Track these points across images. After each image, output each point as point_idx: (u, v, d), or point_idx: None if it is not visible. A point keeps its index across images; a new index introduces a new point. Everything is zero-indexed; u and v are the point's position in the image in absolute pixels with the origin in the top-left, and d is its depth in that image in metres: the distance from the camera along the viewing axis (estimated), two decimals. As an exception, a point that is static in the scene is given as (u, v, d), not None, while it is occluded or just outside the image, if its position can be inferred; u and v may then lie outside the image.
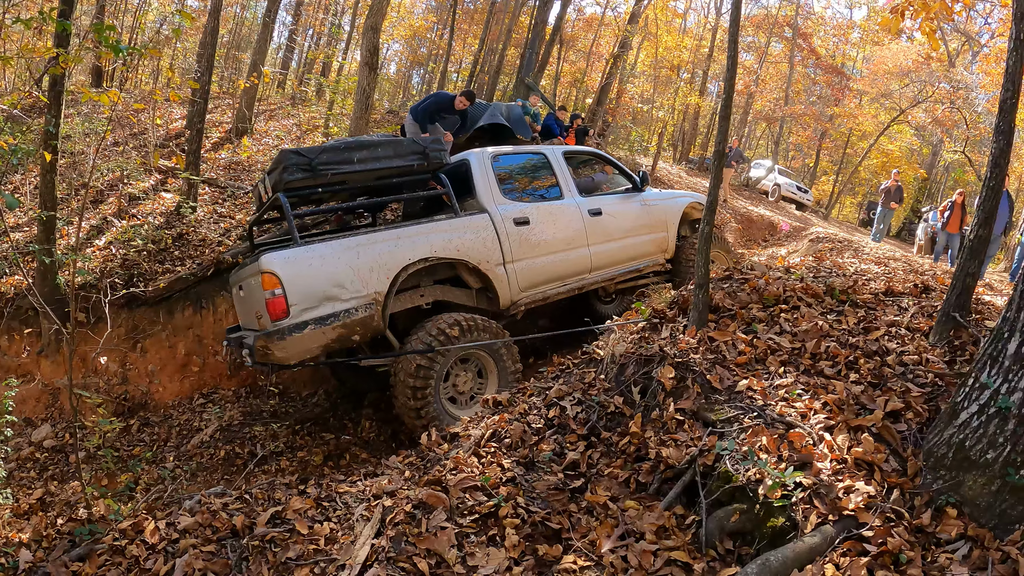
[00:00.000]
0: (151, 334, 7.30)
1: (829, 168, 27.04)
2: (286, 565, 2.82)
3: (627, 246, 6.29)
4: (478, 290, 5.50)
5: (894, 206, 12.43)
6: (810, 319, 4.01)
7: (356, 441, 6.17)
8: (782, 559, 2.44)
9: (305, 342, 4.64)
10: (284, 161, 4.91)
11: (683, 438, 3.36)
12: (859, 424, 3.14)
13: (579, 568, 2.71)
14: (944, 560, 2.47)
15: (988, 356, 2.86)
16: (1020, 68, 3.50)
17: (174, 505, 3.93)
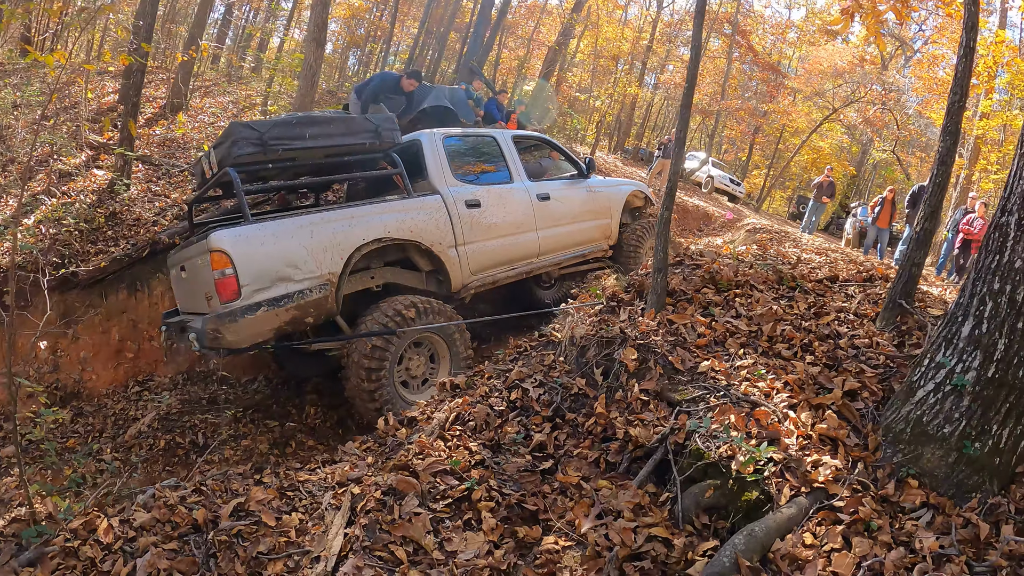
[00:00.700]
0: (84, 318, 6.76)
1: (761, 162, 28.20)
2: (258, 560, 2.65)
3: (574, 231, 6.25)
4: (428, 273, 5.35)
5: (826, 200, 13.06)
6: (764, 304, 4.13)
7: (302, 428, 5.89)
8: (765, 529, 2.49)
9: (258, 325, 4.37)
10: (234, 134, 4.60)
11: (649, 418, 3.37)
12: (820, 402, 3.25)
13: (561, 548, 2.66)
14: (910, 527, 2.59)
15: (943, 338, 3.01)
16: (968, 75, 3.72)
17: (125, 500, 3.63)
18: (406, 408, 4.51)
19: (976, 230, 9.07)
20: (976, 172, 14.95)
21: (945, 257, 10.10)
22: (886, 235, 10.95)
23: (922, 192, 9.15)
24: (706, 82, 23.15)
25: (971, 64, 3.73)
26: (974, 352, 2.85)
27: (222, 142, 4.76)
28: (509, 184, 5.78)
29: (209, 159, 5.00)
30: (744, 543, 2.40)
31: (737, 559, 2.33)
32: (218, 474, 3.65)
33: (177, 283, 5.42)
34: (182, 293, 5.34)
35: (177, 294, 5.57)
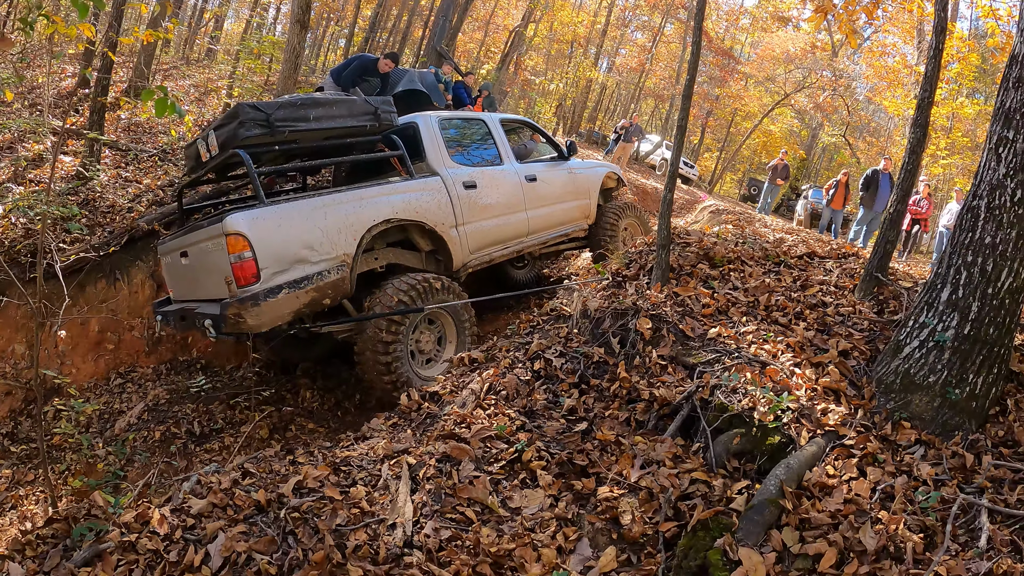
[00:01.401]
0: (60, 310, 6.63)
1: (712, 145, 29.24)
2: (338, 532, 2.77)
3: (558, 211, 6.57)
4: (427, 253, 5.54)
5: (780, 183, 13.82)
6: (757, 277, 4.59)
7: (300, 412, 6.00)
8: (798, 462, 2.91)
9: (280, 307, 4.43)
10: (240, 115, 4.56)
11: (669, 380, 3.76)
12: (818, 361, 3.72)
13: (616, 495, 3.00)
14: (908, 459, 3.07)
15: (924, 303, 3.52)
16: (937, 73, 4.24)
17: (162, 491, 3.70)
18: (419, 383, 4.75)
19: (923, 210, 9.94)
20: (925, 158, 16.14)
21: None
22: (840, 216, 11.74)
23: (875, 175, 9.96)
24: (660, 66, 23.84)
25: (939, 64, 4.26)
26: (952, 314, 3.36)
27: (226, 123, 4.75)
28: (500, 166, 6.04)
29: (207, 141, 4.97)
30: (784, 474, 2.82)
31: (781, 486, 2.74)
32: (251, 458, 3.75)
33: (174, 270, 5.37)
34: (181, 280, 5.31)
35: (173, 282, 5.52)
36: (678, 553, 2.62)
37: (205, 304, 4.78)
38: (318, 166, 6.02)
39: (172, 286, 5.54)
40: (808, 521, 2.69)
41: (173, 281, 5.48)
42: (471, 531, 2.88)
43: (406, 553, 2.73)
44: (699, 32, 4.54)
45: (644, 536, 2.81)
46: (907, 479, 2.95)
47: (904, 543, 2.60)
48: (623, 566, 2.68)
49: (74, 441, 5.13)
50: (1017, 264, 3.25)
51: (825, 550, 2.56)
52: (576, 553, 2.79)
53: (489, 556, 2.69)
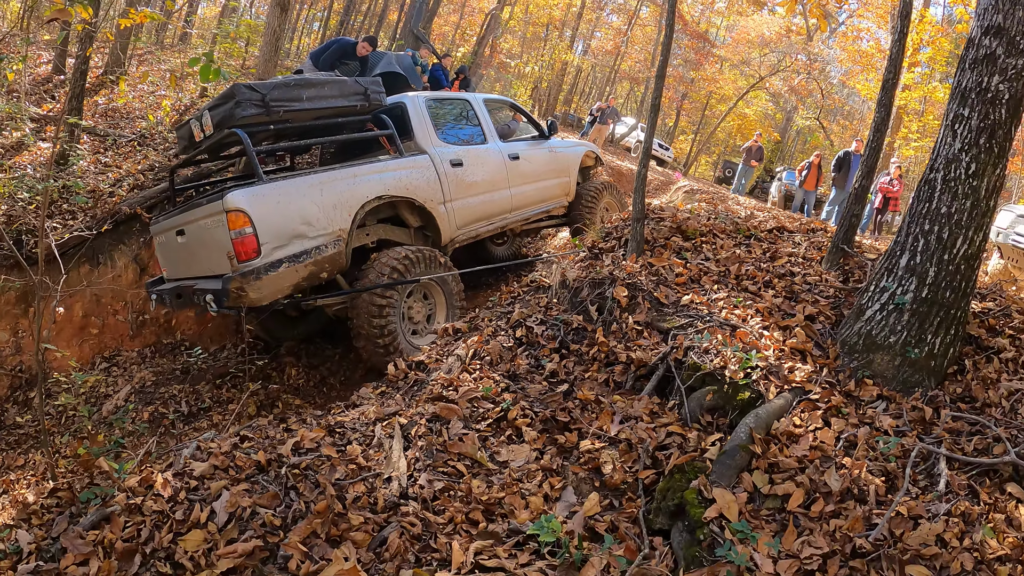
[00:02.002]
0: (44, 296, 6.59)
1: (687, 128, 29.54)
2: (338, 485, 2.92)
3: (539, 189, 6.78)
4: (416, 229, 5.70)
5: (754, 164, 14.11)
6: (728, 249, 4.80)
7: (286, 389, 6.10)
8: (767, 412, 3.12)
9: (280, 281, 4.59)
10: (237, 95, 4.69)
11: (645, 344, 3.96)
12: (786, 324, 3.94)
13: (598, 448, 3.18)
14: (871, 412, 3.30)
15: (884, 268, 3.76)
16: (901, 56, 4.48)
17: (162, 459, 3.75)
18: (412, 353, 4.90)
19: (896, 189, 10.30)
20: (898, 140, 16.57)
21: (868, 218, 11.32)
22: (812, 197, 12.06)
23: (847, 157, 10.28)
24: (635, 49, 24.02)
25: (903, 47, 4.49)
26: (911, 278, 3.60)
27: (221, 103, 4.85)
28: (485, 145, 6.22)
29: (201, 121, 5.06)
30: (753, 422, 3.02)
31: (751, 433, 2.95)
32: (246, 426, 3.90)
33: (169, 249, 5.45)
34: (176, 258, 5.40)
35: (167, 260, 5.61)
36: (656, 496, 2.81)
37: (204, 280, 4.88)
38: (310, 145, 6.09)
39: (166, 265, 5.62)
40: (777, 465, 2.91)
41: (167, 260, 5.56)
42: (462, 483, 3.04)
43: (402, 503, 2.89)
44: (672, 15, 4.71)
45: (624, 483, 3.00)
46: (869, 430, 3.18)
47: (867, 486, 2.82)
48: (606, 510, 2.87)
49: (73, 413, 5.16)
50: (971, 232, 3.50)
51: (793, 491, 2.77)
52: (562, 500, 2.97)
53: (480, 504, 2.87)
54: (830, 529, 2.66)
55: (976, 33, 3.54)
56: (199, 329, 7.74)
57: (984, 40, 3.46)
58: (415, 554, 2.63)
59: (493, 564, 2.51)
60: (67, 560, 2.51)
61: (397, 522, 2.75)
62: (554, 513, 2.84)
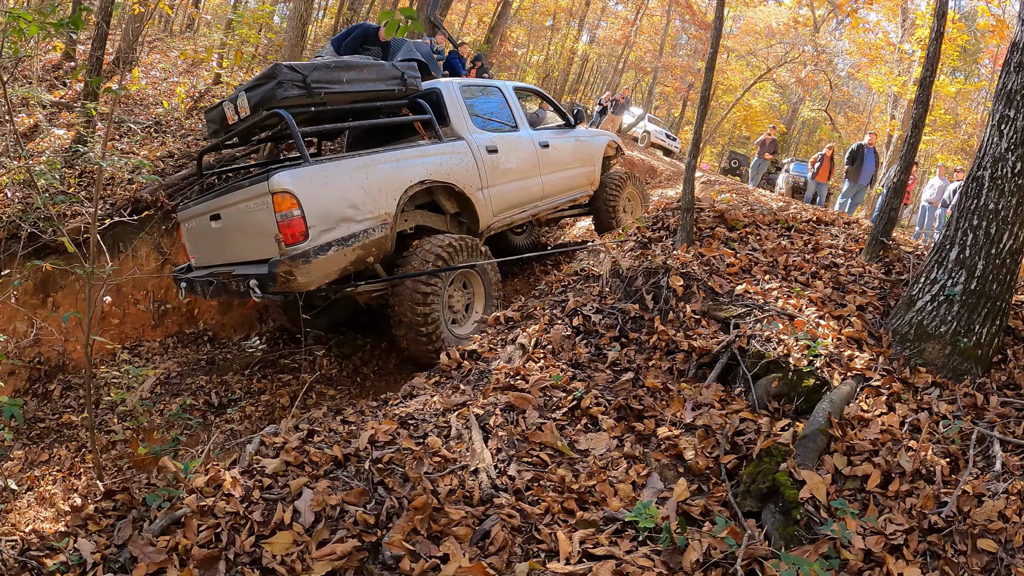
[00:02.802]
0: (63, 286, 6.59)
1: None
2: (429, 477, 2.94)
3: (567, 177, 6.87)
4: (452, 215, 5.76)
5: (768, 157, 14.34)
6: (772, 240, 5.01)
7: (318, 379, 6.18)
8: (838, 398, 3.34)
9: (328, 265, 4.57)
10: (278, 75, 4.62)
11: (704, 332, 4.15)
12: (839, 314, 4.16)
13: (676, 435, 3.38)
14: (926, 398, 3.54)
15: (935, 261, 3.99)
16: (937, 55, 4.69)
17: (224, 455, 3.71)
18: (453, 341, 4.99)
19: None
20: None
21: (879, 210, 11.60)
22: (824, 189, 12.30)
23: (860, 150, 10.54)
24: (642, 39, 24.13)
25: (940, 45, 4.69)
26: (960, 271, 3.84)
27: (261, 84, 4.79)
28: (517, 132, 6.29)
29: (236, 103, 5.00)
30: (829, 407, 3.24)
31: (829, 417, 3.17)
32: (302, 419, 3.90)
33: (200, 235, 5.39)
34: (209, 244, 5.34)
35: (197, 247, 5.55)
36: (744, 479, 3.01)
37: (244, 266, 4.84)
38: (347, 128, 6.00)
39: (196, 251, 5.58)
40: (853, 448, 3.12)
41: (198, 246, 5.51)
42: (548, 471, 3.18)
43: (494, 495, 2.94)
44: (721, 8, 4.86)
45: (708, 468, 3.20)
46: (928, 415, 3.42)
47: (933, 467, 3.06)
48: (694, 495, 3.06)
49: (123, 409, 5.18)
50: (1017, 228, 3.73)
51: (871, 471, 2.99)
52: (648, 487, 3.15)
53: (573, 493, 3.02)
54: (906, 507, 2.89)
55: (1020, 37, 3.75)
56: (222, 318, 7.80)
57: (1031, 44, 3.68)
58: (520, 546, 2.68)
59: (601, 552, 2.61)
60: (139, 570, 2.38)
61: (496, 514, 2.80)
62: (646, 500, 3.02)
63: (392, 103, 5.57)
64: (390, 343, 6.66)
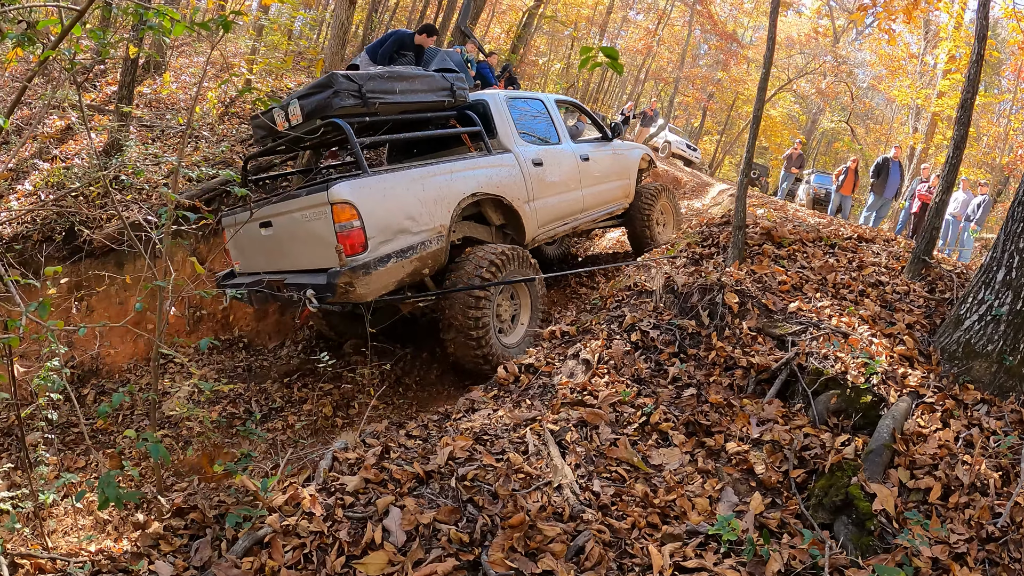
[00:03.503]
0: (98, 290, 6.83)
1: (712, 128, 30.18)
2: (516, 495, 3.08)
3: (605, 190, 7.15)
4: (497, 227, 6.00)
5: (795, 171, 14.71)
6: (820, 258, 5.32)
7: (360, 389, 6.39)
8: (898, 414, 3.66)
9: (387, 277, 4.72)
10: (335, 84, 4.78)
11: (761, 349, 4.46)
12: (890, 332, 4.48)
13: (745, 449, 3.68)
14: (976, 414, 3.87)
15: (982, 282, 4.31)
16: (978, 77, 5.00)
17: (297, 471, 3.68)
18: (502, 351, 5.22)
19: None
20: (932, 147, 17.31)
21: (903, 223, 11.97)
22: (848, 202, 12.64)
23: (886, 163, 10.88)
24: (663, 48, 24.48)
25: (980, 68, 5.00)
26: (1007, 292, 4.16)
27: (316, 92, 4.92)
28: (559, 145, 6.54)
29: (287, 110, 5.14)
30: (892, 423, 3.56)
31: (893, 432, 3.49)
32: (367, 433, 4.06)
33: (249, 242, 5.51)
34: (257, 251, 5.48)
35: (244, 254, 5.67)
36: (816, 492, 3.31)
37: (298, 275, 4.96)
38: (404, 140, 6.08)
39: (242, 258, 5.70)
40: (914, 462, 3.44)
41: (245, 253, 5.64)
42: (626, 487, 3.46)
43: (582, 511, 3.14)
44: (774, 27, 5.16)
45: (779, 482, 3.51)
46: (979, 430, 3.74)
47: (987, 479, 3.38)
48: (769, 508, 3.36)
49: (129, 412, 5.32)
50: (1061, 250, 4.05)
51: (932, 484, 3.31)
52: (723, 500, 3.45)
53: (655, 508, 3.30)
54: (965, 517, 3.21)
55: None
56: (257, 326, 8.04)
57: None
58: (614, 561, 2.88)
59: (693, 565, 2.85)
60: (227, 593, 2.38)
61: (586, 530, 2.99)
62: (723, 513, 3.32)
63: (441, 114, 5.78)
64: (430, 353, 6.92)
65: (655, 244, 7.59)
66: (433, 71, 8.34)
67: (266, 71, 9.99)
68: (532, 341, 5.46)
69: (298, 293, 4.78)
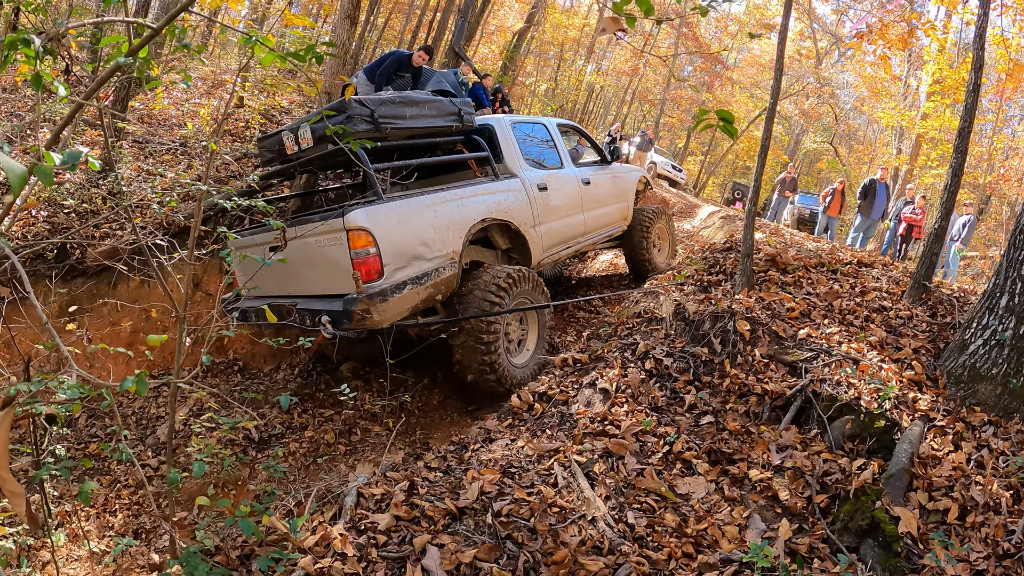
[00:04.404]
0: (90, 310, 6.85)
1: (696, 149, 30.94)
2: (554, 530, 3.20)
3: (606, 213, 7.42)
4: (503, 251, 6.19)
5: (788, 195, 15.26)
6: (824, 284, 5.61)
7: (362, 415, 6.48)
8: (914, 437, 3.92)
9: (403, 303, 4.82)
10: (348, 109, 4.94)
11: (774, 376, 4.70)
12: (897, 358, 4.76)
13: (768, 476, 3.90)
14: (984, 436, 4.14)
15: (985, 308, 4.61)
16: (975, 105, 5.34)
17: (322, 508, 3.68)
18: (511, 370, 5.38)
19: (919, 217, 11.43)
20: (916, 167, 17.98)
21: (888, 243, 12.48)
22: (835, 223, 13.14)
23: (872, 185, 11.36)
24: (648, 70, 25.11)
25: (977, 98, 5.36)
26: (1010, 317, 4.46)
27: (328, 117, 4.99)
28: (562, 170, 6.78)
29: (297, 134, 5.28)
30: (909, 446, 3.81)
31: (911, 456, 3.73)
32: (387, 467, 4.18)
33: (256, 266, 5.38)
34: (270, 275, 5.43)
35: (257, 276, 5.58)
36: (842, 517, 3.54)
37: (310, 300, 5.09)
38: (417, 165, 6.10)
39: (259, 282, 5.70)
40: (932, 484, 3.69)
41: (257, 277, 5.59)
42: (657, 516, 3.63)
43: (620, 543, 3.29)
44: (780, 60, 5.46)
45: (803, 508, 3.72)
46: (988, 451, 4.01)
47: (999, 499, 3.64)
48: (796, 533, 3.58)
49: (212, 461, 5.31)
50: (1060, 276, 4.37)
51: (950, 505, 3.56)
52: (751, 527, 3.65)
53: (689, 537, 3.48)
54: (982, 536, 3.46)
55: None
56: (252, 349, 8.08)
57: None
58: None
59: None
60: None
61: (626, 562, 3.13)
62: (752, 540, 3.52)
63: (449, 139, 5.96)
64: (431, 379, 7.06)
65: (652, 267, 7.88)
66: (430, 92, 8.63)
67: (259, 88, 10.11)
68: (541, 360, 5.68)
69: (310, 318, 4.89)
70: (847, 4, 21.63)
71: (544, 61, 24.30)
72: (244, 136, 9.66)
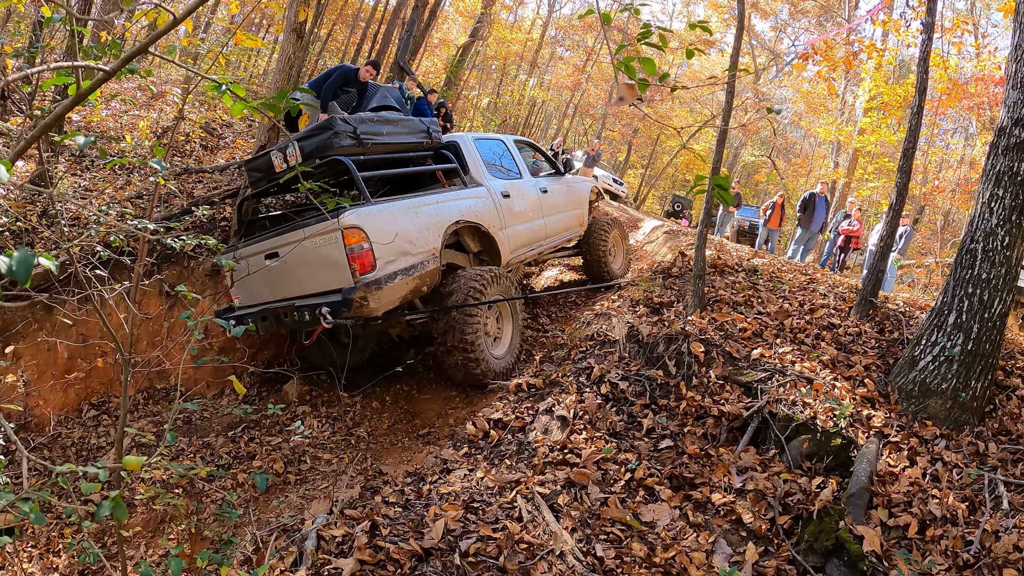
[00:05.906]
0: (24, 335, 6.52)
1: (637, 162, 31.55)
2: (524, 568, 3.20)
3: (562, 219, 8.04)
4: (474, 254, 6.70)
5: (732, 210, 15.64)
6: (774, 302, 5.77)
7: (311, 443, 6.36)
8: (871, 454, 4.04)
9: (395, 292, 5.40)
10: (334, 127, 5.58)
11: (730, 397, 4.80)
12: (849, 375, 4.92)
13: (731, 500, 3.96)
14: (936, 449, 4.31)
15: (934, 325, 4.82)
16: (919, 127, 5.62)
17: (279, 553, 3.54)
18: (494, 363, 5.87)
19: (856, 229, 11.89)
20: (854, 181, 18.72)
21: (827, 255, 12.95)
22: (776, 235, 13.57)
23: (812, 198, 11.79)
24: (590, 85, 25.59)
25: (921, 117, 5.63)
26: (958, 334, 4.67)
27: (316, 134, 5.69)
28: (521, 180, 7.34)
29: (285, 152, 5.82)
30: (868, 465, 3.93)
31: (871, 475, 3.85)
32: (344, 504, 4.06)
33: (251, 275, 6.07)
34: (264, 282, 6.03)
35: (246, 287, 6.21)
36: (806, 537, 3.62)
37: (307, 298, 5.59)
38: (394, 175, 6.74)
39: (243, 291, 6.23)
40: (891, 500, 3.81)
41: (247, 287, 6.16)
42: (624, 546, 3.64)
43: None
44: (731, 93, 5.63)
45: (767, 530, 3.79)
46: (942, 465, 4.17)
47: (955, 511, 3.79)
48: (762, 556, 3.64)
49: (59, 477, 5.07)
50: (1005, 293, 4.62)
51: (910, 520, 3.69)
52: (717, 552, 3.69)
53: (659, 567, 3.50)
54: (942, 548, 3.59)
55: (1007, 123, 4.66)
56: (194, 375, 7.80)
57: (1015, 130, 4.59)
58: None
59: None
60: None
61: None
62: (720, 565, 3.57)
63: (420, 154, 6.54)
64: (380, 402, 6.97)
65: (609, 273, 8.50)
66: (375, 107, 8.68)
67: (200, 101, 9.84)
68: (516, 351, 6.26)
69: (308, 314, 5.42)
70: (785, 22, 22.64)
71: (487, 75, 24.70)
72: (184, 151, 9.43)
